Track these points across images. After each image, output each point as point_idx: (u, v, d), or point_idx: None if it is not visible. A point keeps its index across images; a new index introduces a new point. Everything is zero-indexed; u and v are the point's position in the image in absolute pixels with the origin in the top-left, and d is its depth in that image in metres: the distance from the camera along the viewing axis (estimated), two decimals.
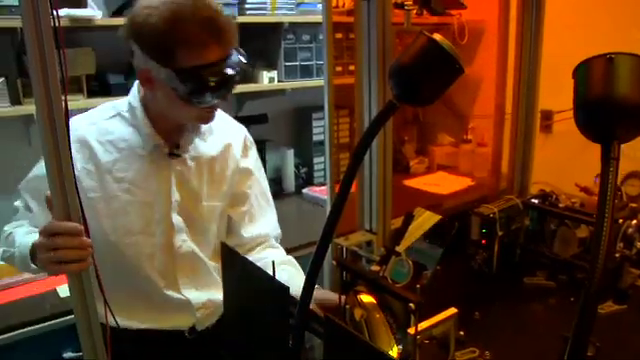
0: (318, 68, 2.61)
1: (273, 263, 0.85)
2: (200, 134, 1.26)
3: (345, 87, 1.57)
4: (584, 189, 1.82)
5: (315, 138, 2.81)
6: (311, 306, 1.04)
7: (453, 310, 0.99)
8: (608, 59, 0.69)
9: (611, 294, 1.33)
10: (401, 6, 1.41)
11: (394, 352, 0.96)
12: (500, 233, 1.43)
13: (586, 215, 1.41)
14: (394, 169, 1.41)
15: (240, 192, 1.34)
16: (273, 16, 2.41)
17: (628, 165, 1.99)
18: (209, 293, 1.28)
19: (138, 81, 1.18)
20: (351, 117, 2.57)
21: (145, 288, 1.24)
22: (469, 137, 2.67)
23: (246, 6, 2.31)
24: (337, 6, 2.37)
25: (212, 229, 1.29)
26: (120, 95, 2.03)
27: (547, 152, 2.20)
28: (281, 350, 0.86)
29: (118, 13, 2.15)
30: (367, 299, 1.02)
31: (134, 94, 1.22)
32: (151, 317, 1.26)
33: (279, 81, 2.54)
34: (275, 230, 1.40)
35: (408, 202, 2.07)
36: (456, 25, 2.49)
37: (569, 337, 0.60)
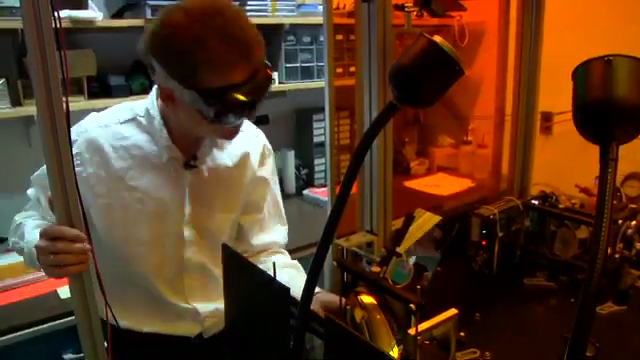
0: (319, 70, 2.61)
1: (274, 264, 0.85)
2: (218, 145, 1.22)
3: (346, 88, 1.57)
4: (584, 190, 1.82)
5: (316, 139, 2.81)
6: (316, 309, 1.05)
7: (454, 311, 0.99)
8: (606, 61, 0.69)
9: (611, 295, 1.34)
10: (401, 8, 1.41)
11: (395, 353, 0.96)
12: (500, 234, 1.43)
13: (586, 216, 1.41)
14: (394, 170, 1.41)
15: (254, 201, 1.31)
16: (274, 18, 2.41)
17: (627, 166, 1.99)
18: (217, 302, 1.25)
19: (157, 88, 1.13)
20: (352, 118, 2.57)
21: (151, 296, 1.22)
22: (469, 138, 2.67)
23: (247, 8, 2.31)
24: (338, 8, 2.38)
25: (223, 239, 1.26)
26: (121, 96, 2.07)
27: (547, 153, 2.20)
28: (282, 351, 0.86)
29: (119, 15, 2.15)
30: (368, 300, 1.02)
31: (152, 101, 1.15)
32: (157, 323, 1.25)
33: (280, 82, 2.55)
34: (284, 239, 1.38)
35: (408, 203, 2.07)
36: (456, 27, 2.49)
37: (569, 338, 0.60)
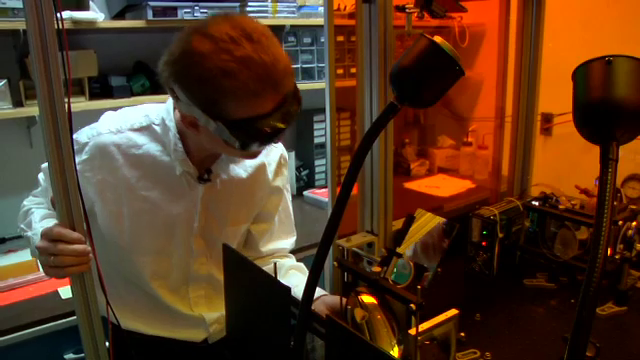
0: (319, 71, 2.62)
1: (275, 265, 0.85)
2: (236, 160, 1.18)
3: (346, 90, 1.57)
4: (584, 191, 1.83)
5: (316, 140, 2.82)
6: (323, 310, 1.05)
7: (454, 311, 0.99)
8: (606, 61, 0.70)
9: (611, 296, 1.34)
10: (402, 9, 1.41)
11: (395, 353, 0.96)
12: (501, 235, 1.43)
13: (586, 217, 1.41)
14: (395, 172, 1.41)
15: (267, 211, 1.30)
16: (274, 19, 2.42)
17: (628, 168, 2.00)
18: (223, 310, 1.22)
19: (173, 102, 1.07)
20: (352, 119, 2.57)
21: (157, 301, 1.22)
22: (470, 140, 2.67)
23: (247, 9, 2.32)
24: (338, 9, 2.38)
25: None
26: (122, 97, 2.07)
27: (547, 155, 2.21)
28: (283, 350, 0.86)
29: (120, 16, 2.16)
30: (368, 300, 1.03)
31: (169, 111, 1.11)
32: (162, 327, 1.25)
33: None
34: (292, 246, 1.37)
35: (409, 204, 2.07)
36: (457, 28, 2.50)
37: (569, 338, 0.60)
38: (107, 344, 0.97)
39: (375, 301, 1.02)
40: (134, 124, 1.12)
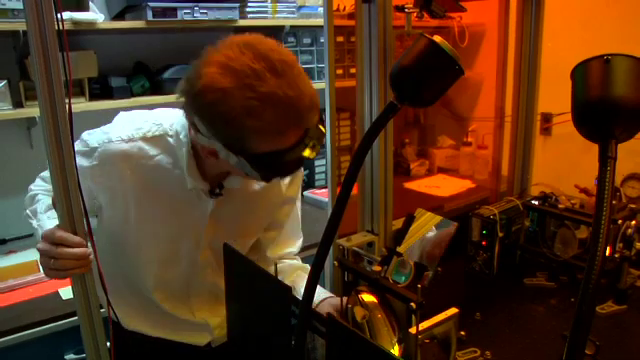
0: (319, 71, 2.62)
1: (275, 265, 0.85)
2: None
3: (346, 90, 1.57)
4: (584, 190, 1.83)
5: None
6: (329, 311, 1.04)
7: (454, 310, 1.00)
8: (605, 60, 0.70)
9: (611, 294, 1.34)
10: (402, 9, 1.41)
11: (395, 351, 0.96)
12: (500, 234, 1.44)
13: (586, 216, 1.41)
14: (395, 172, 1.42)
15: (277, 220, 1.28)
16: (274, 19, 2.42)
17: (628, 167, 2.00)
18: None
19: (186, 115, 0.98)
20: (352, 120, 2.57)
21: (159, 307, 1.22)
22: (469, 140, 2.68)
23: (247, 9, 2.32)
24: (338, 9, 2.38)
25: None
26: (122, 98, 2.07)
27: (547, 154, 2.21)
28: (283, 350, 0.86)
29: (120, 16, 2.16)
30: (369, 299, 1.03)
31: (184, 128, 1.06)
32: (165, 330, 1.25)
33: None
34: (299, 248, 1.36)
35: (409, 204, 2.08)
36: (456, 28, 2.50)
37: (568, 336, 0.60)
38: (108, 344, 0.97)
39: (375, 300, 1.03)
40: (147, 133, 1.08)
